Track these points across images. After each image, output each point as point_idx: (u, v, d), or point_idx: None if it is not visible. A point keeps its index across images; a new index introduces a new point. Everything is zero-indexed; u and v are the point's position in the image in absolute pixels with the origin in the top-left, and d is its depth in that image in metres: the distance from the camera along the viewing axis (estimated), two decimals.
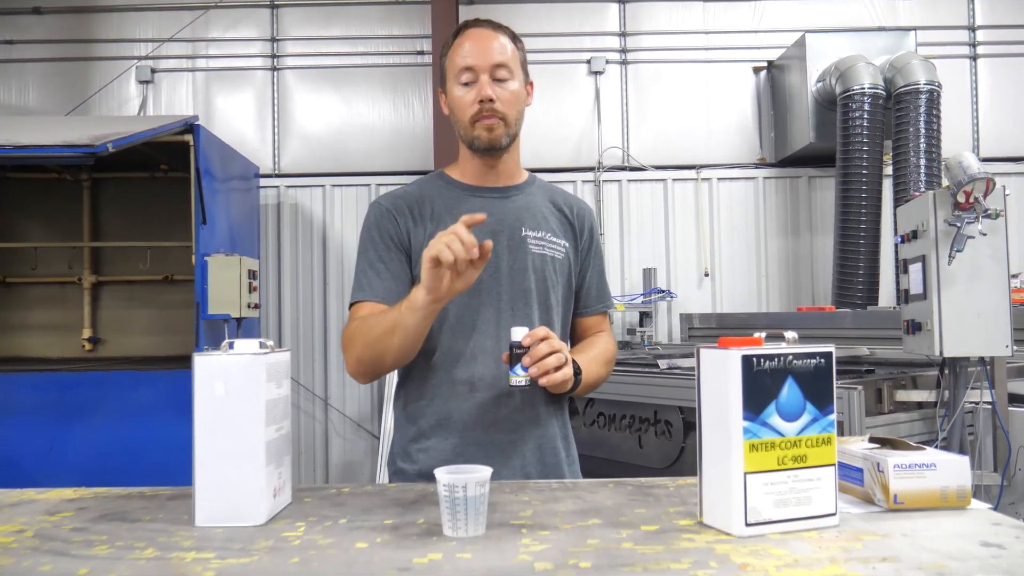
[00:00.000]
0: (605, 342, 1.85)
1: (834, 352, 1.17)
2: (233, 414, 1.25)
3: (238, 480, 1.25)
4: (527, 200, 1.80)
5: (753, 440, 1.12)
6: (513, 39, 1.74)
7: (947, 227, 3.03)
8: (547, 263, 1.75)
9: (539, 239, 1.76)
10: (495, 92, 1.67)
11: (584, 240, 1.85)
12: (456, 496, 1.14)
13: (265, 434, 1.26)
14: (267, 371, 1.27)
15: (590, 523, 1.20)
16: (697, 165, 6.29)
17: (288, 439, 1.38)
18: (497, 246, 1.68)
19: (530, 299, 1.72)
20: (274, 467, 1.30)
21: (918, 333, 3.16)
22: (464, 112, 1.70)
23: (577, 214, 1.85)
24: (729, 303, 6.22)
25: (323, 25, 6.36)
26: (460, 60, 1.70)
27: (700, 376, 1.19)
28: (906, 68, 5.39)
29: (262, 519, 1.24)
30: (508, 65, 1.69)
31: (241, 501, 1.24)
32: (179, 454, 4.21)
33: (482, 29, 1.72)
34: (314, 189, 6.24)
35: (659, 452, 3.77)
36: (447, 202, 1.76)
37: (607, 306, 1.90)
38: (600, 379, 1.79)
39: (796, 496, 1.13)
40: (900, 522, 1.17)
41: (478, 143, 1.71)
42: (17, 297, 5.99)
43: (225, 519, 1.24)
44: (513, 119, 1.71)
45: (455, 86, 1.71)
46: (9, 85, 6.34)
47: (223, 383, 1.26)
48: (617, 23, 6.41)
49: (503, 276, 1.71)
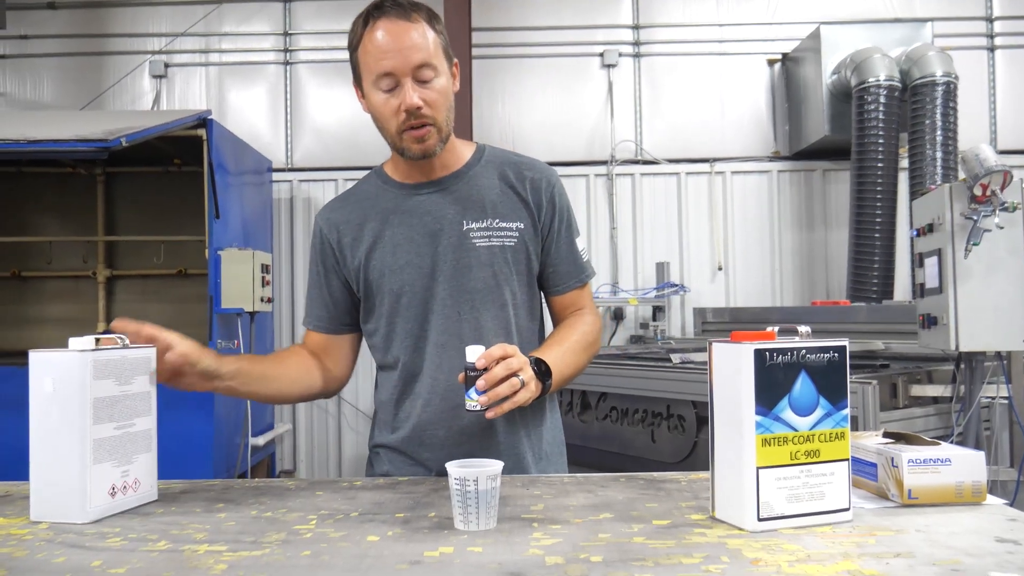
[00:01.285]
0: (583, 323, 1.68)
1: (848, 346, 1.16)
2: (61, 411, 1.25)
3: (65, 477, 1.25)
4: (469, 187, 1.65)
5: (766, 435, 1.11)
6: (430, 20, 1.54)
7: (963, 220, 3.00)
8: (495, 255, 1.62)
9: (484, 230, 1.62)
10: (422, 96, 1.50)
11: (545, 214, 1.66)
12: (467, 490, 1.14)
13: (94, 432, 1.26)
14: (96, 368, 1.27)
15: (601, 517, 1.20)
16: (711, 158, 6.26)
17: (147, 436, 1.37)
18: (438, 248, 1.61)
19: (479, 300, 1.61)
20: (112, 465, 1.29)
21: (934, 327, 3.13)
22: (389, 121, 1.54)
23: (531, 187, 1.66)
24: (743, 297, 6.19)
25: (335, 19, 6.35)
26: (376, 63, 1.50)
27: (712, 370, 1.18)
28: (922, 60, 5.33)
29: (88, 518, 1.24)
30: (431, 62, 1.51)
31: (68, 498, 1.24)
32: (195, 447, 4.25)
33: (395, 21, 1.50)
34: (327, 183, 6.24)
35: (672, 446, 3.76)
36: (384, 205, 1.66)
37: (582, 280, 1.71)
38: (579, 368, 1.64)
39: (809, 491, 1.13)
40: (914, 518, 1.16)
41: (409, 154, 1.57)
42: (32, 291, 6.04)
43: (54, 515, 1.25)
44: (444, 119, 1.56)
45: (374, 91, 1.53)
46: (24, 80, 6.38)
47: (51, 380, 1.26)
48: (630, 16, 6.38)
49: (447, 280, 1.61)
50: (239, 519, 1.24)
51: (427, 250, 1.62)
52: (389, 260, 1.63)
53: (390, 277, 1.63)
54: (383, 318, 1.65)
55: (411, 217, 1.64)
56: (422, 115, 1.52)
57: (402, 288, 1.62)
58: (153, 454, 1.39)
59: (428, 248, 1.62)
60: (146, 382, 1.38)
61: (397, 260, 1.62)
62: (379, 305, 1.65)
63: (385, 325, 1.65)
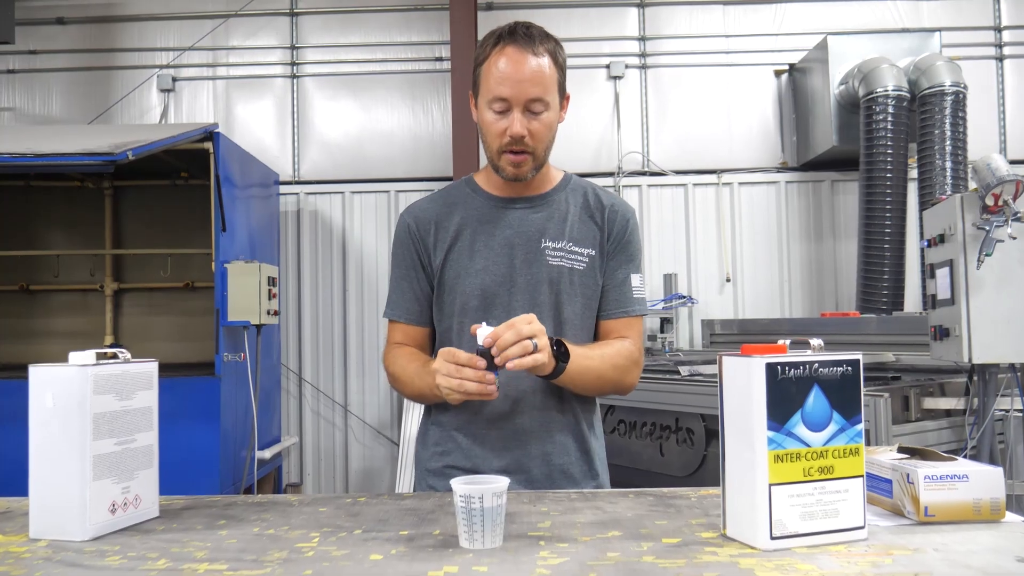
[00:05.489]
0: (619, 344, 1.71)
1: (861, 360, 1.14)
2: (61, 426, 1.24)
3: (64, 494, 1.23)
4: (553, 209, 1.75)
5: (778, 451, 1.08)
6: (554, 56, 1.65)
7: (975, 231, 2.97)
8: (564, 275, 1.70)
9: (558, 250, 1.71)
10: (528, 127, 1.62)
11: (612, 242, 1.75)
12: (473, 507, 1.11)
13: (94, 448, 1.24)
14: (96, 383, 1.25)
15: (610, 535, 1.18)
16: (718, 170, 6.24)
17: (148, 452, 1.35)
18: (514, 259, 1.71)
19: (541, 315, 1.63)
20: (113, 482, 1.27)
21: (946, 339, 3.10)
22: (493, 140, 1.65)
23: (608, 215, 1.75)
24: (751, 309, 6.15)
25: (342, 32, 6.38)
26: (495, 86, 1.61)
27: (723, 385, 1.16)
28: (931, 69, 5.31)
29: (88, 535, 1.22)
30: (544, 98, 1.61)
31: (67, 515, 1.22)
32: (201, 461, 4.23)
33: (522, 51, 1.60)
34: (334, 196, 6.24)
35: (680, 460, 3.72)
36: (471, 212, 1.76)
37: (627, 311, 1.75)
38: (602, 376, 1.66)
39: (823, 508, 1.10)
40: (931, 536, 1.13)
41: (503, 175, 1.69)
42: (40, 305, 6.04)
43: (53, 532, 1.23)
44: (543, 151, 1.67)
45: (486, 109, 1.64)
46: (33, 95, 6.41)
47: (51, 395, 1.24)
48: (636, 27, 6.37)
49: (517, 291, 1.70)
50: (241, 536, 1.22)
51: (503, 259, 1.71)
52: (466, 263, 1.72)
53: (465, 279, 1.71)
54: (453, 317, 1.73)
55: (494, 227, 1.73)
56: (524, 144, 1.63)
57: (474, 291, 1.70)
58: (154, 470, 1.37)
59: (504, 258, 1.71)
60: (147, 397, 1.36)
61: (474, 264, 1.71)
62: (449, 304, 1.73)
63: (456, 324, 1.72)
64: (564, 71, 1.69)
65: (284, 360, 5.98)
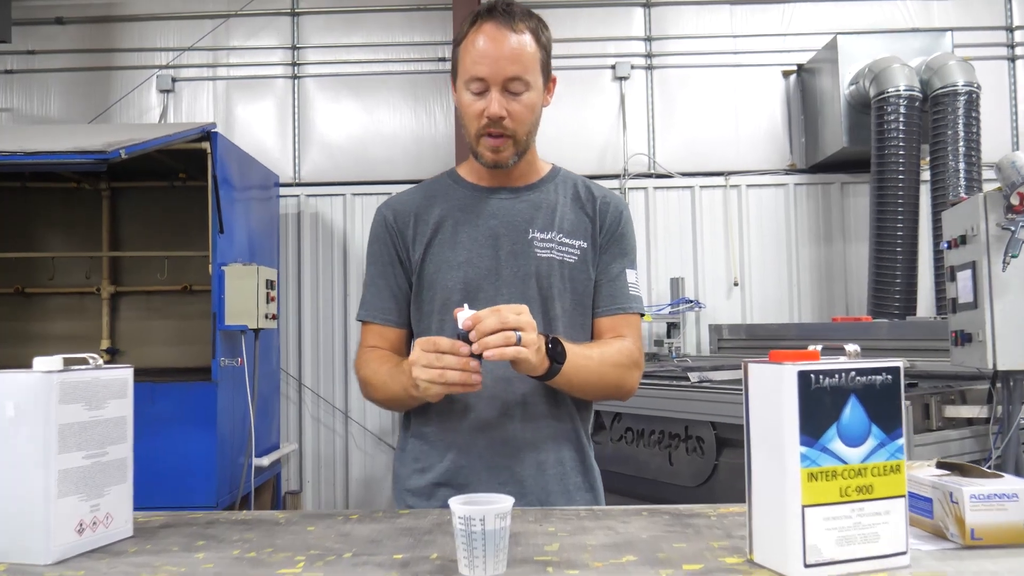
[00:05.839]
0: (618, 343, 1.60)
1: (902, 368, 1.03)
2: (24, 438, 1.13)
3: (27, 512, 1.11)
4: (541, 198, 1.65)
5: (812, 468, 0.98)
6: (535, 33, 1.54)
7: (999, 231, 2.86)
8: (554, 268, 1.60)
9: (548, 241, 1.61)
10: (507, 107, 1.52)
11: (604, 235, 1.65)
12: (473, 530, 1.01)
13: (60, 462, 1.13)
14: (63, 391, 1.14)
15: (624, 560, 1.07)
16: (726, 172, 6.13)
17: (121, 466, 1.24)
18: (499, 251, 1.60)
19: (530, 310, 1.49)
20: (80, 499, 1.16)
21: (968, 344, 2.98)
22: (471, 123, 1.56)
23: (600, 206, 1.66)
24: (760, 313, 6.03)
25: (344, 32, 6.29)
26: (471, 65, 1.52)
27: (748, 395, 1.05)
28: (943, 69, 5.20)
29: (51, 558, 1.10)
30: (523, 77, 1.51)
31: (30, 536, 1.11)
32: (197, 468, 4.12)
33: (500, 28, 1.50)
34: (335, 198, 6.14)
35: (690, 470, 3.60)
36: (453, 203, 1.66)
37: (623, 308, 1.64)
38: (603, 377, 1.55)
39: (861, 532, 0.99)
40: (980, 561, 1.02)
41: (482, 160, 1.60)
42: (35, 308, 5.93)
43: (14, 555, 1.11)
44: (524, 134, 1.57)
45: (464, 91, 1.55)
46: (31, 95, 6.33)
47: (13, 404, 1.13)
48: (643, 28, 6.27)
49: (503, 284, 1.59)
50: (219, 560, 1.12)
51: (488, 251, 1.61)
52: (448, 255, 1.61)
53: (447, 273, 1.61)
54: (433, 315, 1.61)
55: (477, 217, 1.63)
56: (502, 126, 1.53)
57: (456, 285, 1.59)
58: (128, 485, 1.26)
59: (489, 249, 1.61)
60: (121, 406, 1.25)
61: (457, 256, 1.61)
62: (429, 301, 1.62)
63: (436, 323, 1.61)
64: (548, 51, 1.59)
65: (284, 365, 5.88)
